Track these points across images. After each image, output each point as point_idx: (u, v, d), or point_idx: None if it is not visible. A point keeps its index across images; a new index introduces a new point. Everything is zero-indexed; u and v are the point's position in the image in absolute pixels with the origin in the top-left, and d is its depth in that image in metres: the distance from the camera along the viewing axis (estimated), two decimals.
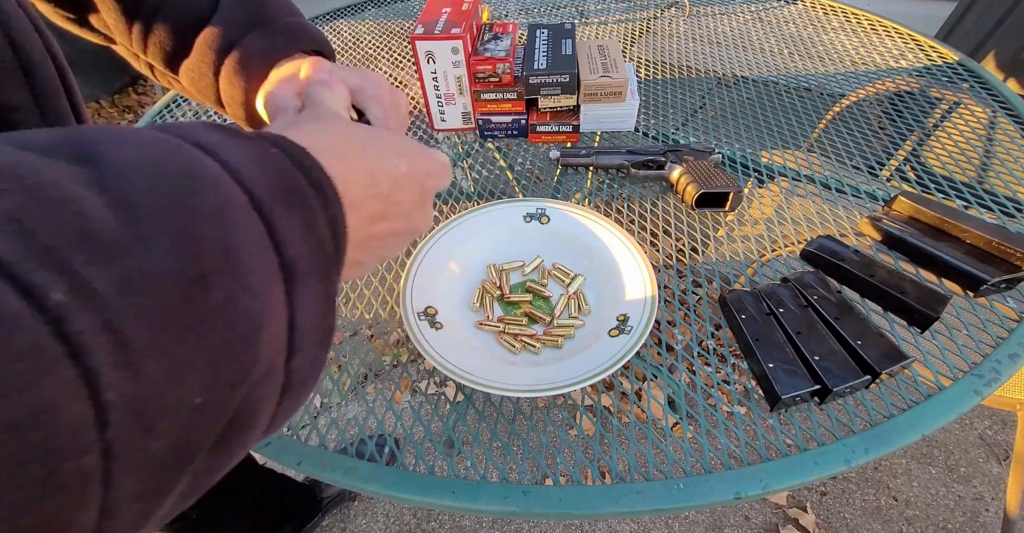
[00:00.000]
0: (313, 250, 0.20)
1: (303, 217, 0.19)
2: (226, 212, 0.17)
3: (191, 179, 0.16)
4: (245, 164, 0.18)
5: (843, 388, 0.41)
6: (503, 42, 0.71)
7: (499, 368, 0.46)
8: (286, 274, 0.18)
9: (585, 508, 0.38)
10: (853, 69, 0.87)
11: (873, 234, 0.56)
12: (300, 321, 0.19)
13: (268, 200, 0.18)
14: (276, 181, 0.19)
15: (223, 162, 0.18)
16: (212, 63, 0.37)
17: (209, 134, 0.19)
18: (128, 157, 0.15)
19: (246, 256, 0.17)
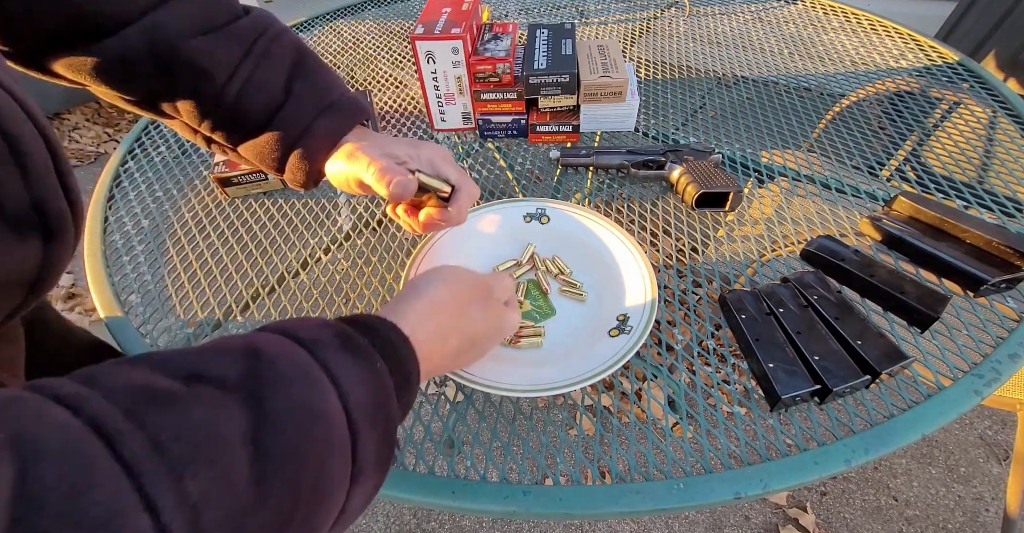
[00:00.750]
0: (381, 454, 0.25)
1: (383, 429, 0.25)
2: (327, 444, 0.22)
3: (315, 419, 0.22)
4: (353, 387, 0.24)
5: (843, 388, 0.41)
6: (503, 42, 0.71)
7: (499, 368, 0.46)
8: (353, 479, 0.24)
9: (585, 508, 0.38)
10: (853, 69, 0.87)
11: (873, 234, 0.56)
12: (349, 509, 0.24)
13: (360, 419, 0.24)
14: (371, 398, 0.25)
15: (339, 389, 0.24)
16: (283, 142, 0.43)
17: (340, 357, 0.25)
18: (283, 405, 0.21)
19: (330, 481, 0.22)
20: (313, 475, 0.21)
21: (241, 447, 0.19)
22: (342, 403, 0.23)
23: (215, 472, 0.18)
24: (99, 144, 2.30)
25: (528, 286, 0.54)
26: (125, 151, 0.79)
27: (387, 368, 0.27)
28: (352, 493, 0.24)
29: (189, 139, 0.46)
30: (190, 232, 0.65)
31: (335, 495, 0.23)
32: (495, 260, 0.57)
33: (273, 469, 0.20)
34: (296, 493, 0.20)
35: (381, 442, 0.25)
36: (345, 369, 0.25)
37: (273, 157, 0.44)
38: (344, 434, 0.23)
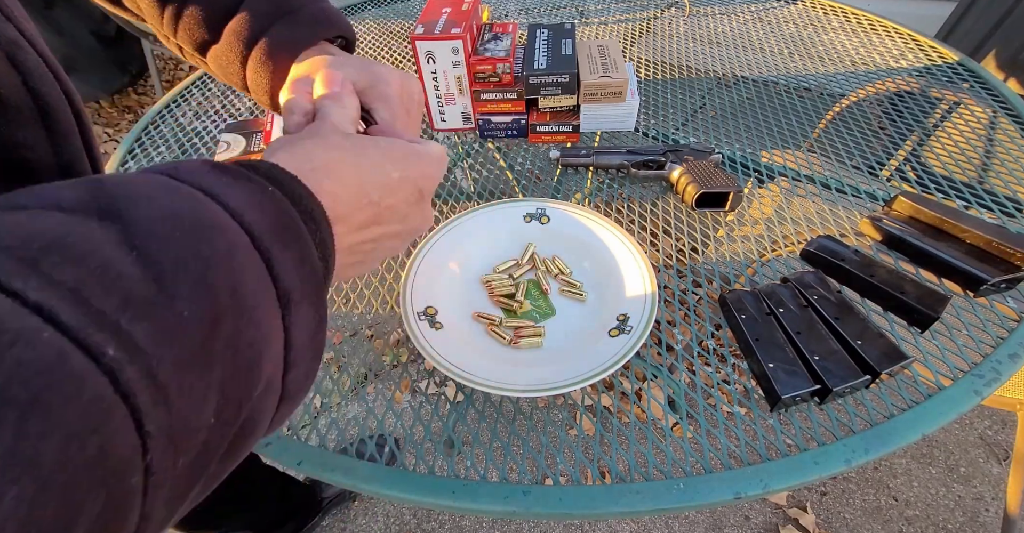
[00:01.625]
0: (305, 278, 0.22)
1: (296, 250, 0.22)
2: (233, 256, 0.19)
3: (203, 228, 0.19)
4: (246, 208, 0.21)
5: (843, 388, 0.41)
6: (503, 42, 0.71)
7: (499, 368, 0.46)
8: (282, 303, 0.21)
9: (585, 508, 0.38)
10: (853, 69, 0.87)
11: (873, 234, 0.56)
12: (294, 341, 0.22)
13: (267, 239, 0.21)
14: (273, 220, 0.22)
15: (227, 206, 0.20)
16: (239, 52, 0.39)
17: (214, 179, 0.21)
18: (147, 213, 0.18)
19: (250, 293, 0.20)
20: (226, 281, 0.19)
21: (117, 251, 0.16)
22: (234, 218, 0.20)
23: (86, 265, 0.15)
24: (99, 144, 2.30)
25: (528, 286, 0.54)
26: (125, 151, 0.79)
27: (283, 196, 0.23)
28: (290, 321, 0.21)
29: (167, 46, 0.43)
30: None
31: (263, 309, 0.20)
32: (495, 260, 0.57)
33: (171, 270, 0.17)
34: (213, 295, 0.18)
35: (300, 266, 0.22)
36: (225, 189, 0.21)
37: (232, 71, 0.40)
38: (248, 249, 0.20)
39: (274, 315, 0.21)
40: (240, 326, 0.19)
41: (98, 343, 0.15)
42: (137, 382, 0.15)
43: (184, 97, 0.91)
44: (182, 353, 0.17)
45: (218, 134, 0.81)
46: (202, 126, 0.84)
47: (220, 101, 0.90)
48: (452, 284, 0.55)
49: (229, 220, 0.20)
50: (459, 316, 0.52)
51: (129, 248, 0.17)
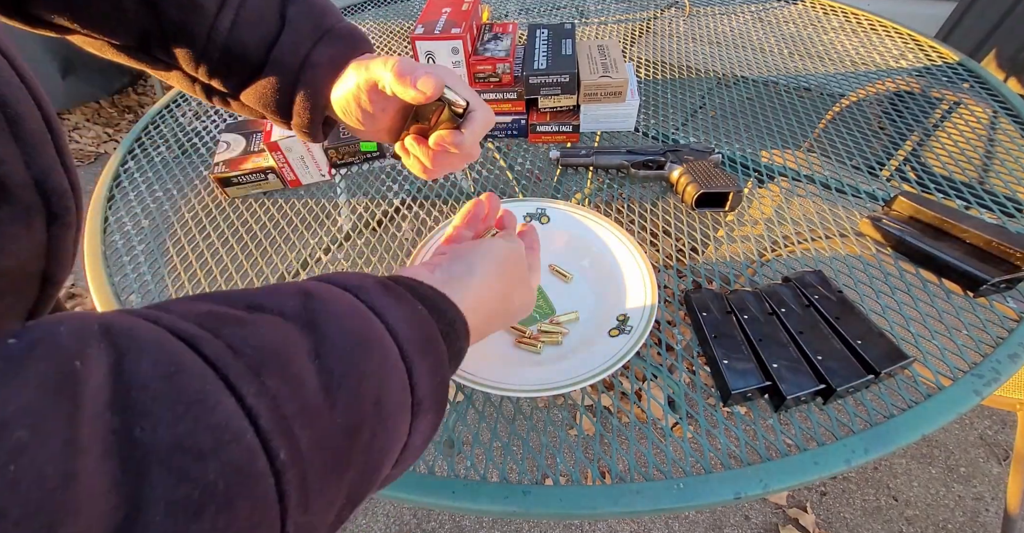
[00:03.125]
0: (436, 388, 0.26)
1: (432, 363, 0.26)
2: (383, 368, 0.23)
3: (368, 345, 0.23)
4: (401, 325, 0.25)
5: (847, 388, 0.41)
6: (503, 42, 0.71)
7: (499, 368, 0.46)
8: (414, 411, 0.25)
9: (585, 508, 0.38)
10: (853, 69, 0.87)
11: (873, 234, 0.56)
12: (412, 443, 0.25)
13: (412, 352, 0.25)
14: (420, 336, 0.26)
15: (387, 324, 0.25)
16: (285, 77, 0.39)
17: (384, 300, 0.26)
18: (334, 328, 0.23)
19: (389, 402, 0.23)
20: (374, 393, 0.22)
21: (307, 361, 0.20)
22: (391, 336, 0.24)
23: (288, 374, 0.19)
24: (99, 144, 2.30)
25: None
26: (125, 151, 0.79)
27: (428, 313, 0.28)
28: (414, 426, 0.25)
29: (190, 92, 0.43)
30: (190, 232, 0.65)
31: (398, 419, 0.24)
32: None
33: (337, 381, 0.21)
34: (361, 406, 0.21)
35: (434, 376, 0.26)
36: (388, 308, 0.26)
37: (275, 98, 0.40)
38: (398, 361, 0.24)
39: (404, 421, 0.24)
40: (376, 432, 0.22)
41: (276, 447, 0.17)
42: (293, 484, 0.18)
43: (184, 97, 0.91)
44: (328, 459, 0.19)
45: (218, 134, 0.81)
46: (202, 126, 0.84)
47: None
48: None
49: (387, 336, 0.24)
50: None
51: (315, 357, 0.21)
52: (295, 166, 0.68)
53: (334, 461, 0.20)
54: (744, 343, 0.45)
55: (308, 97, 0.40)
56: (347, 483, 0.21)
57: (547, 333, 0.49)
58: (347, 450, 0.20)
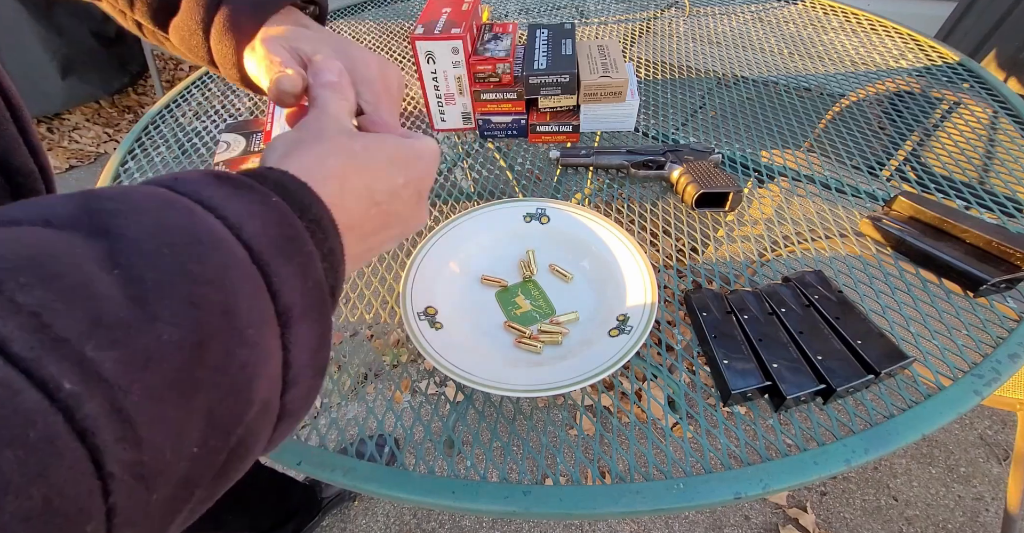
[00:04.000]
0: (308, 293, 0.21)
1: (299, 263, 0.21)
2: (227, 272, 0.18)
3: (196, 244, 0.18)
4: (246, 220, 0.20)
5: (847, 388, 0.41)
6: (503, 42, 0.71)
7: (499, 368, 0.46)
8: (282, 320, 0.20)
9: (585, 508, 0.38)
10: (853, 69, 0.87)
11: (873, 234, 0.56)
12: (295, 360, 0.20)
13: (267, 253, 0.19)
14: (276, 233, 0.20)
15: (225, 219, 0.19)
16: (201, 20, 0.36)
17: (214, 190, 0.20)
18: (139, 229, 0.17)
19: (244, 312, 0.18)
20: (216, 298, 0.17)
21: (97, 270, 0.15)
22: (232, 232, 0.19)
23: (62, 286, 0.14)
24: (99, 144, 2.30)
25: (528, 286, 0.54)
26: (125, 151, 0.79)
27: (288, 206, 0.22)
28: (289, 339, 0.20)
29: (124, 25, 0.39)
30: None
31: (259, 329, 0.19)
32: (495, 260, 0.57)
33: (154, 289, 0.16)
34: (201, 317, 0.17)
35: (303, 280, 0.21)
36: (225, 200, 0.20)
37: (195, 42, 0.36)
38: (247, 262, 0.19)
39: (272, 334, 0.19)
40: (231, 347, 0.17)
41: (53, 375, 0.13)
42: (98, 418, 0.13)
43: (184, 97, 0.91)
44: (157, 381, 0.15)
45: (218, 134, 0.81)
46: (202, 126, 0.84)
47: (220, 101, 0.90)
48: (452, 284, 0.55)
49: (227, 233, 0.19)
50: (459, 316, 0.52)
51: (112, 266, 0.15)
52: None
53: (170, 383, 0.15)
54: (744, 343, 0.45)
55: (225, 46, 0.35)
56: (202, 406, 0.16)
57: (547, 333, 0.49)
58: (189, 369, 0.16)
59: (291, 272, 0.20)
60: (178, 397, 0.16)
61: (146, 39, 0.41)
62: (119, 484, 0.14)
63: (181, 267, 0.17)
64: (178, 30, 0.37)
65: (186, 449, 0.16)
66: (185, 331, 0.16)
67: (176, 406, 0.16)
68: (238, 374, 0.18)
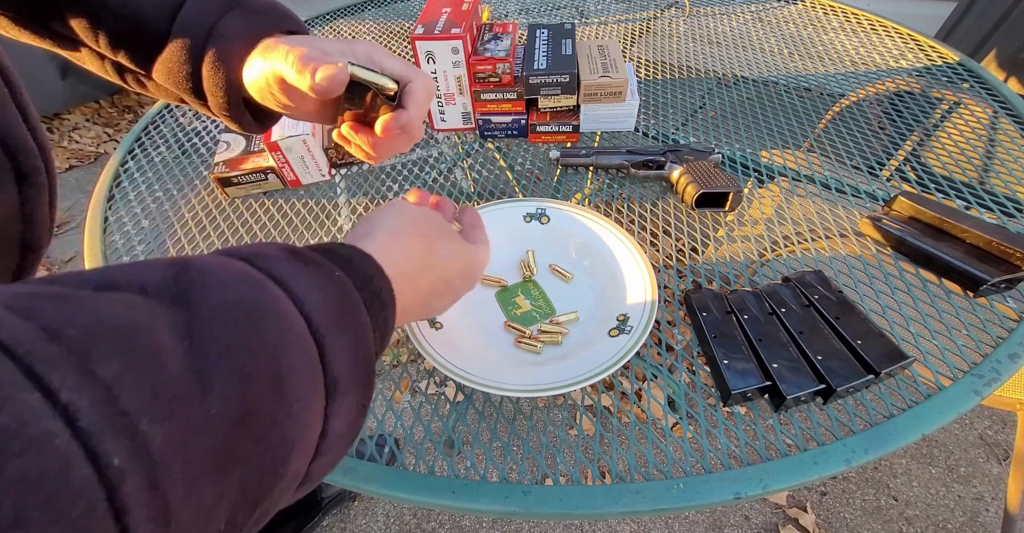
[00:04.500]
0: (357, 365, 0.22)
1: (352, 336, 0.22)
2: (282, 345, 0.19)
3: (260, 317, 0.19)
4: (309, 293, 0.21)
5: (847, 388, 0.41)
6: (503, 42, 0.71)
7: (499, 368, 0.46)
8: (329, 391, 0.21)
9: (585, 508, 0.38)
10: (853, 69, 0.87)
11: (873, 234, 0.56)
12: (332, 430, 0.21)
13: (324, 325, 0.21)
14: (334, 305, 0.22)
15: (291, 292, 0.21)
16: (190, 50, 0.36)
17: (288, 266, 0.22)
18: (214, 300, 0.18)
19: (295, 383, 0.19)
20: (270, 372, 0.18)
21: (170, 340, 0.16)
22: (296, 306, 0.20)
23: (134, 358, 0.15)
24: (99, 144, 2.30)
25: (528, 286, 0.54)
26: (125, 151, 0.79)
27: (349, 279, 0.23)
28: (332, 410, 0.21)
29: (103, 74, 0.40)
30: (190, 232, 0.65)
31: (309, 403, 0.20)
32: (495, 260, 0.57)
33: (214, 361, 0.17)
34: (250, 388, 0.17)
35: (354, 352, 0.22)
36: (294, 274, 0.21)
37: (184, 73, 0.36)
38: (304, 335, 0.20)
39: (318, 406, 0.20)
40: (277, 418, 0.18)
41: (107, 452, 0.13)
42: (136, 496, 0.14)
43: None
44: (198, 458, 0.15)
45: (218, 134, 0.81)
46: (202, 126, 0.84)
47: None
48: None
49: (290, 307, 0.20)
50: (459, 316, 0.52)
51: (184, 336, 0.16)
52: (295, 166, 0.68)
53: (211, 458, 0.16)
54: (744, 343, 0.45)
55: (217, 72, 0.36)
56: (236, 481, 0.17)
57: (547, 333, 0.49)
58: (231, 443, 0.16)
59: (344, 344, 0.21)
60: (216, 472, 0.16)
61: (125, 86, 0.41)
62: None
63: (242, 340, 0.18)
64: (165, 63, 0.37)
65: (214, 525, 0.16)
66: (232, 404, 0.17)
67: (213, 482, 0.16)
68: (278, 447, 0.18)
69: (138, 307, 0.16)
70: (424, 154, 0.77)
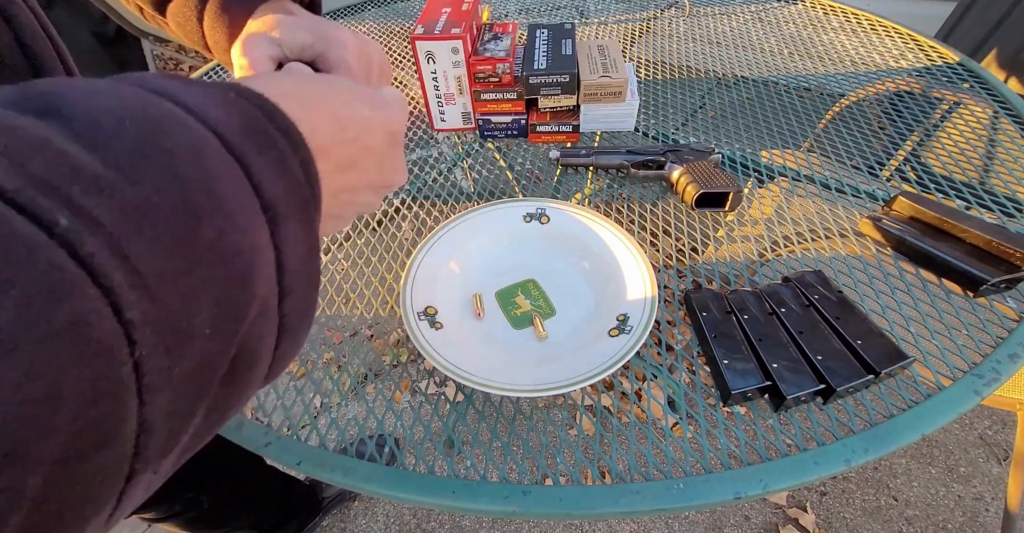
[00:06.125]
0: (290, 191, 0.19)
1: (275, 158, 0.19)
2: (202, 153, 0.16)
3: (158, 121, 0.16)
4: (208, 107, 0.18)
5: (847, 388, 0.41)
6: (503, 42, 0.71)
7: (499, 368, 0.46)
8: (268, 215, 0.18)
9: (585, 508, 0.38)
10: (853, 69, 0.87)
11: (873, 234, 0.56)
12: (287, 262, 0.19)
13: (238, 142, 0.18)
14: (242, 123, 0.18)
15: (185, 106, 0.17)
16: (195, 7, 0.38)
17: (166, 81, 0.18)
18: (91, 107, 0.15)
19: (230, 195, 0.17)
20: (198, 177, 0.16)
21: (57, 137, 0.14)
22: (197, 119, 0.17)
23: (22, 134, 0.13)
24: None
25: (528, 286, 0.54)
26: None
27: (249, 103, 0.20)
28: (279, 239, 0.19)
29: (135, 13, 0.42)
30: None
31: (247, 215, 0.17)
32: (495, 260, 0.57)
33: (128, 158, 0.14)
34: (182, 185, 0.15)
35: (283, 174, 0.19)
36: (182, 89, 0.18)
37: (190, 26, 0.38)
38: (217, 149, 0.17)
39: (260, 227, 0.18)
40: (224, 229, 0.16)
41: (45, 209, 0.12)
42: (104, 259, 0.13)
43: None
44: (156, 240, 0.14)
45: None
46: None
47: None
48: (452, 284, 0.55)
49: (190, 118, 0.17)
50: (459, 316, 0.52)
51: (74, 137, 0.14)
52: None
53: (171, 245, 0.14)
54: (744, 343, 0.45)
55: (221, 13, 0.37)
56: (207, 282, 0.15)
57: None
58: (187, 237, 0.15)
59: (267, 164, 0.18)
60: (182, 263, 0.15)
61: (147, 22, 0.42)
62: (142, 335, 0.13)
63: (151, 139, 0.15)
64: (174, 16, 0.39)
65: (199, 324, 0.15)
66: (174, 199, 0.15)
67: (182, 272, 0.15)
68: (235, 258, 0.16)
69: None
70: (424, 154, 0.77)
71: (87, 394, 0.12)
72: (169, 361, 0.14)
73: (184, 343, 0.15)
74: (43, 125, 0.14)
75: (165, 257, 0.14)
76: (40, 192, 0.12)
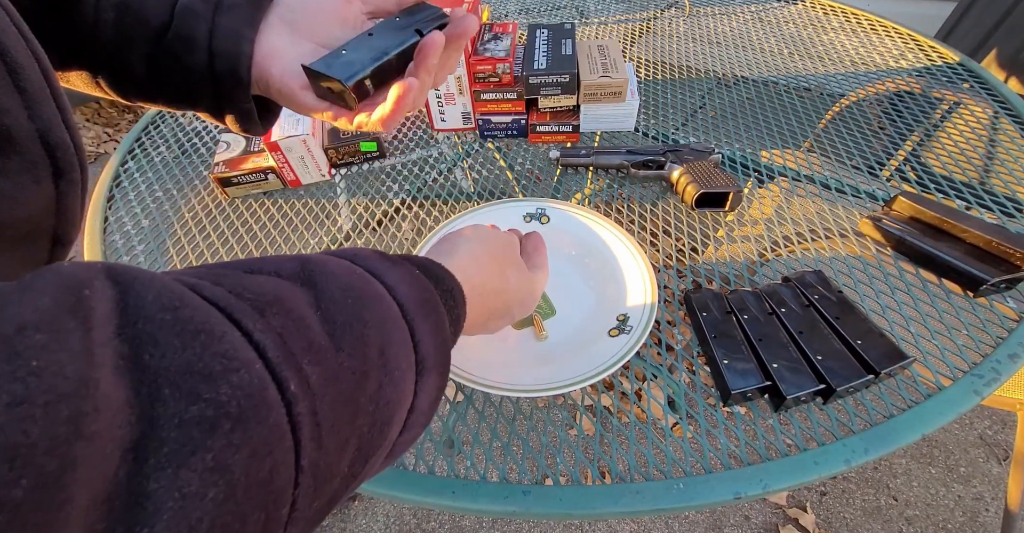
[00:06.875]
0: (438, 349, 0.26)
1: (435, 322, 0.27)
2: (386, 322, 0.24)
3: (367, 299, 0.24)
4: (399, 284, 0.26)
5: (847, 388, 0.41)
6: (503, 42, 0.71)
7: (499, 368, 0.46)
8: (418, 368, 0.25)
9: (585, 508, 0.38)
10: (853, 69, 0.87)
11: (873, 234, 0.56)
12: (418, 405, 0.25)
13: (412, 311, 0.25)
14: (418, 297, 0.26)
15: (385, 284, 0.26)
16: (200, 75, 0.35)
17: (379, 264, 0.27)
18: (332, 285, 0.23)
19: (393, 354, 0.23)
20: (378, 342, 0.22)
21: (308, 309, 0.21)
22: (391, 295, 0.25)
23: (291, 317, 0.20)
24: (99, 144, 2.30)
25: None
26: (125, 151, 0.79)
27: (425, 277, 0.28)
28: (419, 387, 0.25)
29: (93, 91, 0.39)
30: (190, 232, 0.65)
31: (404, 373, 0.24)
32: None
33: (340, 329, 0.21)
34: (366, 352, 0.22)
35: (436, 337, 0.26)
36: (386, 270, 0.26)
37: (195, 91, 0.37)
38: (399, 317, 0.25)
39: (410, 378, 0.24)
40: (383, 383, 0.22)
41: (286, 378, 0.18)
42: (303, 417, 0.18)
43: None
44: (337, 397, 0.20)
45: (218, 134, 0.81)
46: (202, 126, 0.84)
47: None
48: None
49: (386, 294, 0.25)
50: None
51: (316, 308, 0.22)
52: (295, 166, 0.68)
53: (344, 402, 0.20)
54: (744, 343, 0.45)
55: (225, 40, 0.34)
56: (358, 430, 0.21)
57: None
58: (355, 394, 0.21)
59: (428, 329, 0.26)
60: (347, 415, 0.20)
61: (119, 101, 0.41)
62: (304, 479, 0.18)
63: (358, 313, 0.23)
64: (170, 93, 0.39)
65: (342, 466, 0.20)
66: (356, 361, 0.21)
67: (345, 422, 0.20)
68: (384, 408, 0.22)
69: (282, 285, 0.22)
70: (424, 154, 0.77)
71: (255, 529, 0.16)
72: (314, 499, 0.19)
73: (327, 482, 0.19)
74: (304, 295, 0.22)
75: (339, 411, 0.20)
76: (288, 364, 0.18)
